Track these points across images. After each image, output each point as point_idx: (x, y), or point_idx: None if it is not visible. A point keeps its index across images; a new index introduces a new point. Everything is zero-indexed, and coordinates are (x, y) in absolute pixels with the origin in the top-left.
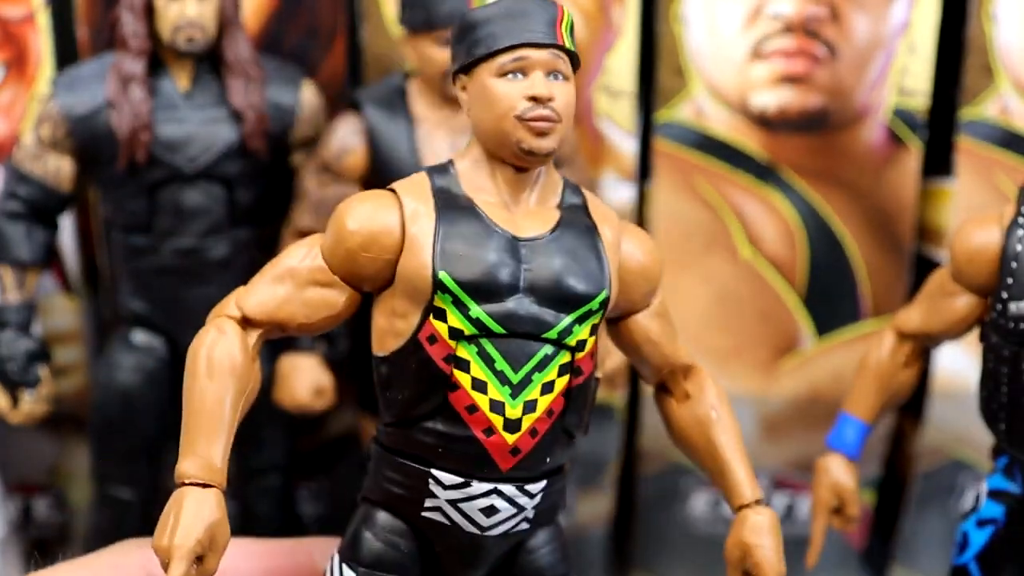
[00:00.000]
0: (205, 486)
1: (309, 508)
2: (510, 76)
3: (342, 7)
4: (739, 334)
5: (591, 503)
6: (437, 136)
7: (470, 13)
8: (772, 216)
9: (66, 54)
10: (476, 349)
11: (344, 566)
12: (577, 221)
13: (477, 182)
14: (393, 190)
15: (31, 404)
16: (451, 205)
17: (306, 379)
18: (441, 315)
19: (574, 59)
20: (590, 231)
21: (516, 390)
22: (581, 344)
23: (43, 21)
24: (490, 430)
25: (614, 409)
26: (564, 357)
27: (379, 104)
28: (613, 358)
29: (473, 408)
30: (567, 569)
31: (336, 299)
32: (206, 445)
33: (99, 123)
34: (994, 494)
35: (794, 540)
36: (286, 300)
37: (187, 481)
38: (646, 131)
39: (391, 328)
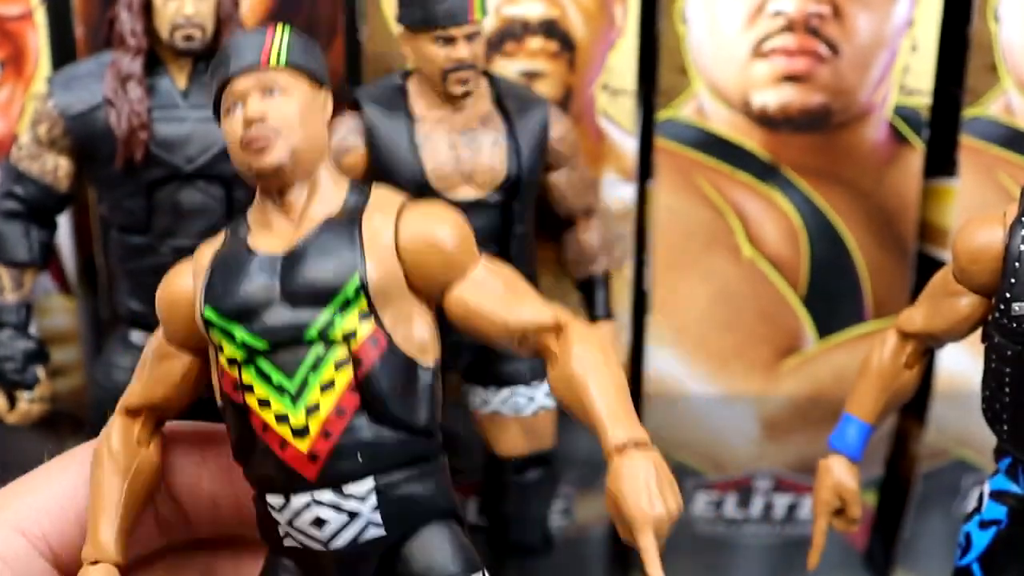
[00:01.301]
0: (94, 563)
1: None
2: (229, 112)
3: (341, 5)
4: (740, 334)
5: (591, 503)
6: (437, 135)
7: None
8: (774, 215)
9: (63, 52)
10: (254, 370)
11: None
12: (342, 219)
13: (259, 217)
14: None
15: (28, 404)
16: (229, 245)
17: None
18: (220, 349)
19: (304, 69)
20: (351, 223)
21: (295, 397)
22: (351, 334)
23: (40, 19)
24: (283, 443)
25: None
26: (338, 352)
27: (378, 103)
28: None
29: (265, 426)
30: (466, 567)
31: (176, 367)
32: (94, 528)
33: (97, 122)
34: (997, 495)
35: (795, 541)
36: (147, 382)
37: (83, 563)
38: (647, 130)
39: (215, 374)
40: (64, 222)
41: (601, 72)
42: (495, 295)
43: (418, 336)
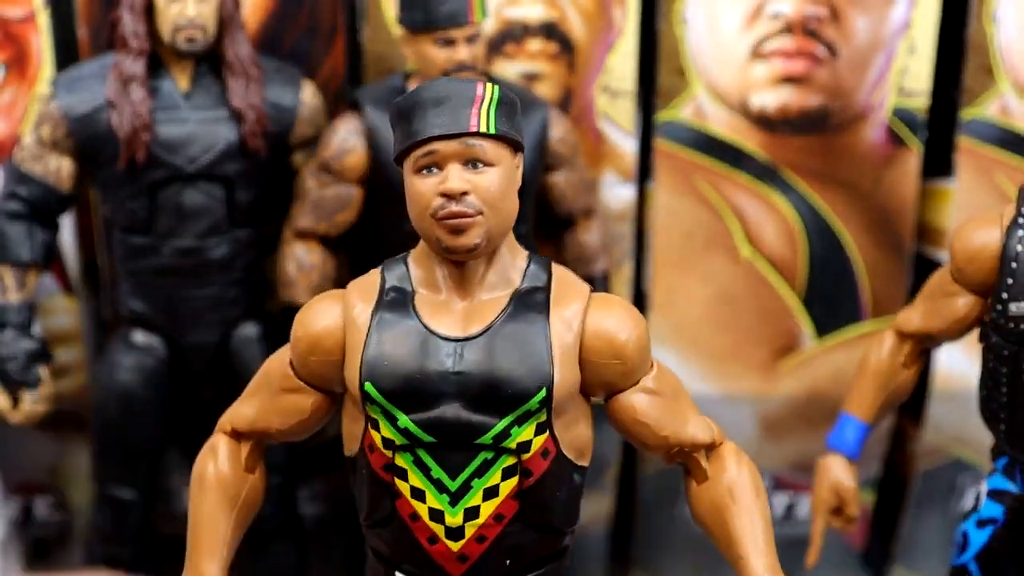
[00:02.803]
0: None
1: (309, 508)
2: (424, 171)
3: (342, 7)
4: (739, 334)
5: (591, 503)
6: None
7: (400, 99)
8: (772, 216)
9: (66, 54)
10: (412, 458)
11: None
12: (528, 306)
13: (425, 277)
14: (346, 289)
15: (31, 404)
16: (393, 306)
17: None
18: (375, 425)
19: (512, 139)
20: (540, 317)
21: (455, 498)
22: (525, 445)
23: (43, 21)
24: (433, 538)
25: None
26: (508, 460)
27: (379, 104)
28: None
29: (415, 516)
30: None
31: (304, 403)
32: (198, 558)
33: (99, 123)
34: (994, 494)
35: (794, 540)
36: (262, 410)
37: None
38: (646, 131)
39: (349, 431)
40: (67, 223)
41: (600, 73)
42: (662, 408)
43: (582, 439)
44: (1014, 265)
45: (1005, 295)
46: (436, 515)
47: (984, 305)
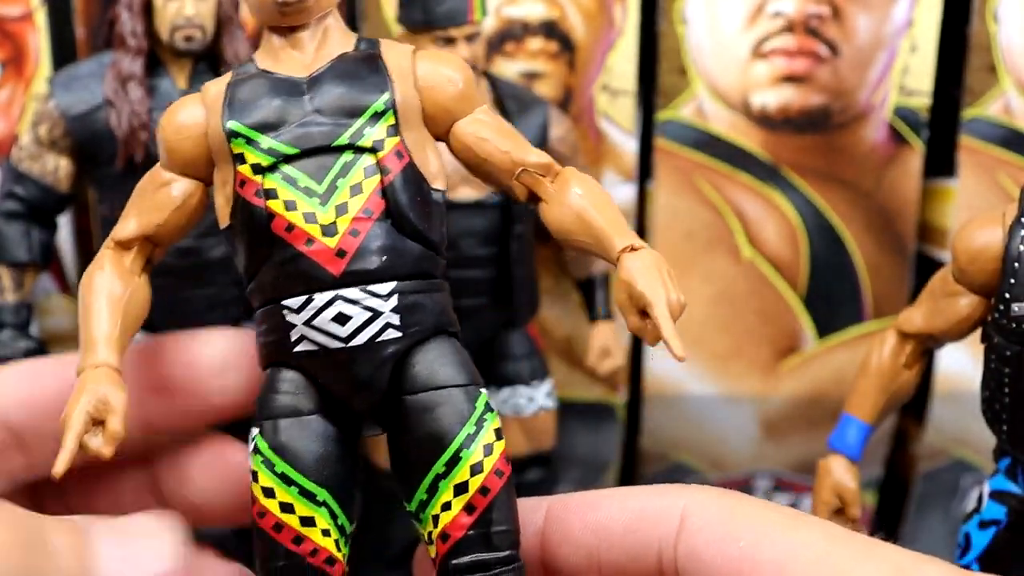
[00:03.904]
0: (95, 367)
1: None
2: None
3: (341, 6)
4: (740, 334)
5: None
6: None
7: None
8: (773, 216)
9: (64, 53)
10: (279, 176)
11: (254, 429)
12: (359, 55)
13: (263, 55)
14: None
15: None
16: (242, 77)
17: None
18: (241, 159)
19: None
20: (371, 57)
21: (324, 198)
22: (379, 144)
23: (41, 20)
24: (310, 240)
25: (615, 410)
26: (367, 160)
27: None
28: (613, 359)
29: (290, 227)
30: (468, 379)
31: (177, 192)
32: (90, 342)
33: (97, 122)
34: (996, 495)
35: None
36: (140, 214)
37: (78, 372)
38: (647, 130)
39: (223, 196)
40: (64, 223)
41: (601, 73)
42: (502, 131)
43: (432, 164)
44: (1016, 265)
45: (1007, 295)
46: (310, 217)
47: (987, 305)
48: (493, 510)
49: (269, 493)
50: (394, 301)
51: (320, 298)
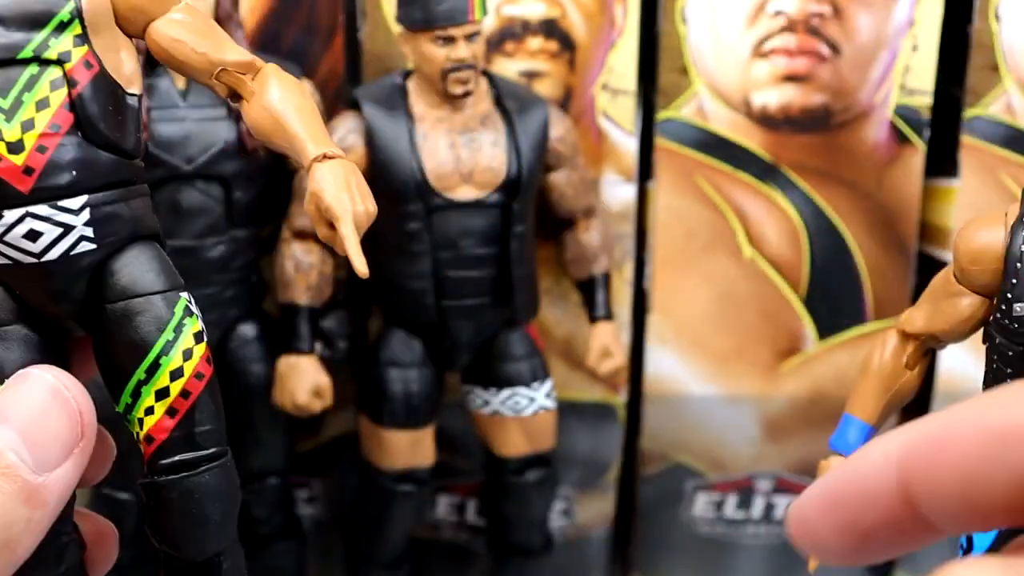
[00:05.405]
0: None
1: (308, 509)
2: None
3: (341, 5)
4: (741, 334)
5: (592, 504)
6: (436, 134)
7: None
8: (774, 215)
9: None
10: None
11: None
12: None
13: None
14: None
15: None
16: None
17: (305, 380)
18: None
19: None
20: None
21: (9, 114)
22: (65, 55)
23: None
24: None
25: (615, 410)
26: (53, 73)
27: (378, 103)
28: (614, 359)
29: None
30: (167, 285)
31: None
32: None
33: None
34: None
35: None
36: None
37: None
38: (647, 130)
39: None
40: None
41: (601, 72)
42: (199, 30)
43: (126, 68)
44: (1019, 265)
45: (1009, 295)
46: None
47: (988, 306)
48: (195, 412)
49: None
50: (86, 215)
51: (9, 215)
